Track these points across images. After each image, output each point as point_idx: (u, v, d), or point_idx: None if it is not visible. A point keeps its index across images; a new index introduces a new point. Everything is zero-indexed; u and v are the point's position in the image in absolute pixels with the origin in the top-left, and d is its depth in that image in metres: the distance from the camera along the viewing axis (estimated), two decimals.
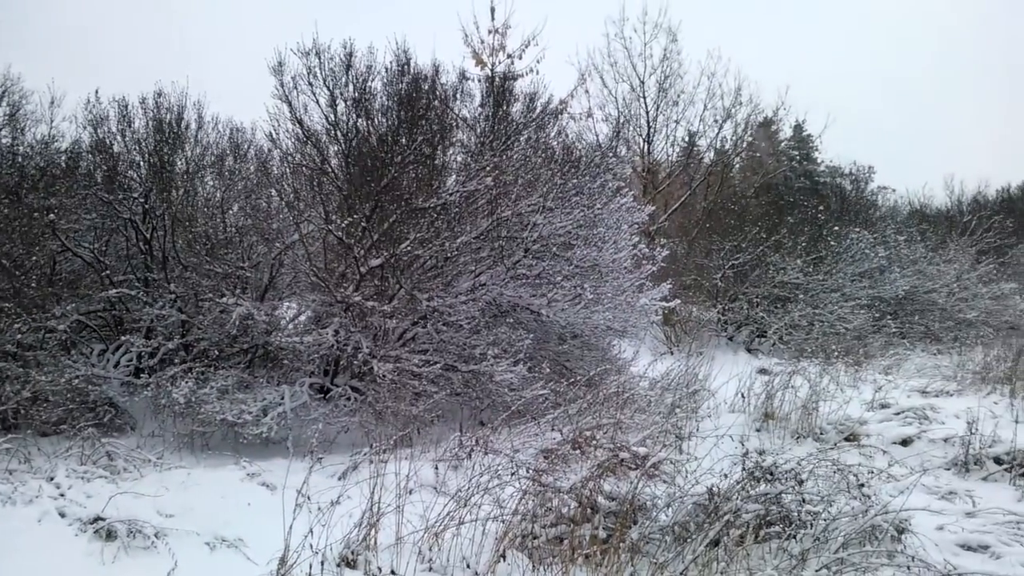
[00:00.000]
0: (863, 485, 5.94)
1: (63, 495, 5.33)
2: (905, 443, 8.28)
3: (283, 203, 8.61)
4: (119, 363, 7.97)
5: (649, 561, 4.68)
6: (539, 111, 12.19)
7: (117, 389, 7.78)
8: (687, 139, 20.56)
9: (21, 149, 9.76)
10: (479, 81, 14.42)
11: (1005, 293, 20.87)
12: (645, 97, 19.40)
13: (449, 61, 20.54)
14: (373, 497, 4.76)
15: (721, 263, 17.07)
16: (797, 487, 5.38)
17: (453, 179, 8.69)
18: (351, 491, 4.91)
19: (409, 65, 9.47)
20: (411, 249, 7.85)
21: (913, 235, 21.56)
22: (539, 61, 15.48)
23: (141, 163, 8.66)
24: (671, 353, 14.01)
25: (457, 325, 8.21)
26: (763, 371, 12.19)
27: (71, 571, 4.48)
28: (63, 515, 5.00)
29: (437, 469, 6.46)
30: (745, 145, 21.16)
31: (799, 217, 18.74)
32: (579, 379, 8.54)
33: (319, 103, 9.03)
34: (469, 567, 4.70)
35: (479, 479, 5.18)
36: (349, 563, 4.54)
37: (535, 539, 4.87)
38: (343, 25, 9.15)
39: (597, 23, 34.72)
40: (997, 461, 7.35)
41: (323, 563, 4.30)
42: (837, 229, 18.49)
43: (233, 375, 7.50)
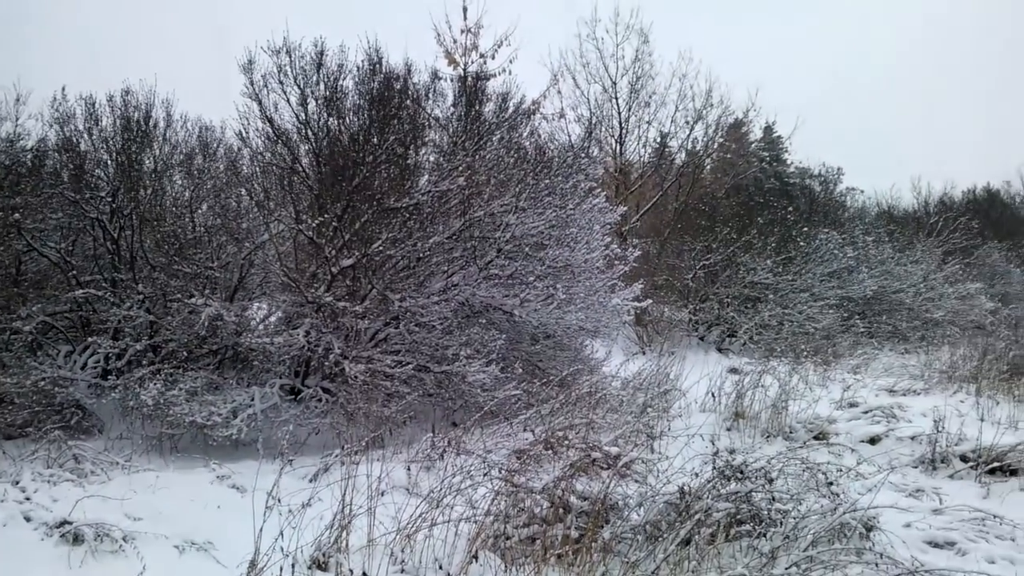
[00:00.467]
0: (832, 483, 6.01)
1: (29, 499, 5.26)
2: (873, 441, 8.38)
3: (253, 202, 8.55)
4: (86, 365, 7.86)
5: (621, 560, 4.69)
6: (511, 111, 12.21)
7: (84, 391, 7.67)
8: (659, 140, 20.71)
9: None
10: (451, 81, 14.45)
11: (971, 293, 21.18)
12: (617, 98, 19.52)
13: (421, 61, 20.46)
14: (344, 499, 4.74)
15: (692, 263, 17.20)
16: (767, 486, 5.42)
17: (425, 179, 8.66)
18: (322, 493, 4.88)
19: (381, 64, 9.43)
20: (383, 249, 7.81)
21: (881, 236, 21.83)
22: (512, 61, 15.57)
23: (108, 162, 8.56)
24: (643, 353, 14.11)
25: (429, 326, 8.18)
26: (734, 370, 12.28)
27: None
28: (29, 519, 4.94)
29: (409, 470, 6.44)
30: (716, 146, 21.33)
31: (769, 218, 18.91)
32: (551, 379, 8.55)
33: (290, 102, 8.96)
34: (441, 568, 4.69)
35: (451, 480, 5.17)
36: (320, 565, 4.52)
37: (507, 540, 4.87)
38: (314, 25, 9.11)
39: (570, 24, 34.83)
40: (963, 459, 7.45)
41: (294, 566, 4.28)
42: (806, 230, 18.70)
43: (202, 377, 7.42)
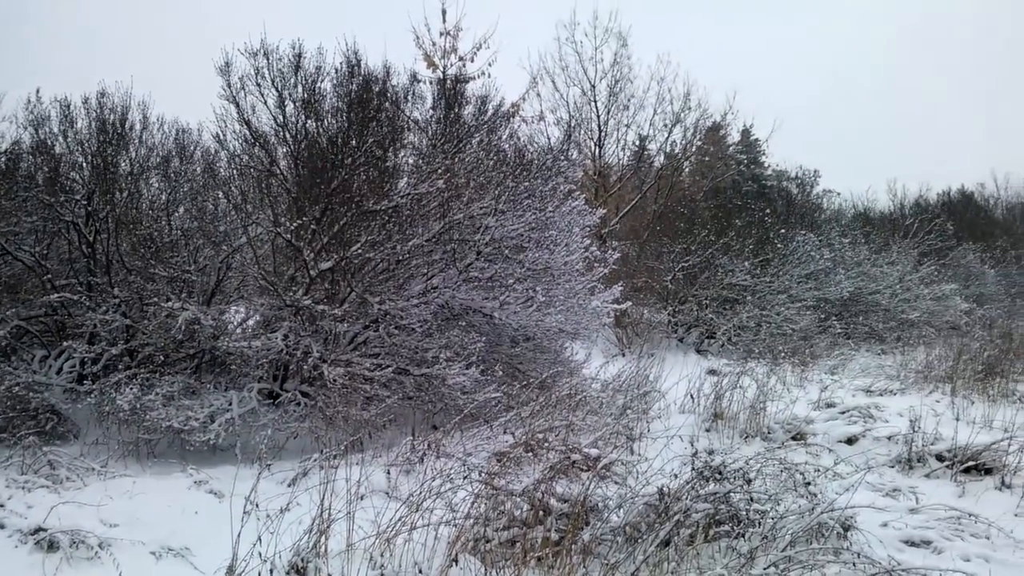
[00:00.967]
0: (810, 483, 6.04)
1: (2, 506, 5.20)
2: (850, 441, 8.43)
3: (231, 205, 8.49)
4: (61, 369, 7.78)
5: (601, 562, 4.69)
6: (491, 114, 12.17)
7: (59, 396, 7.58)
8: (638, 143, 20.84)
9: None
10: (431, 83, 14.39)
11: (946, 294, 21.42)
12: (596, 101, 19.61)
13: (400, 63, 20.45)
14: (323, 503, 4.71)
15: (671, 265, 17.28)
16: (745, 486, 5.45)
17: (405, 181, 8.63)
18: (301, 498, 4.86)
19: (359, 66, 9.38)
20: (362, 252, 7.78)
21: (857, 238, 22.05)
22: (491, 64, 15.58)
23: (84, 164, 8.46)
24: (623, 355, 14.16)
25: (409, 328, 8.16)
26: (712, 372, 12.33)
27: None
28: (2, 526, 4.89)
29: (389, 474, 6.42)
30: (694, 149, 21.48)
31: (747, 220, 19.06)
32: (531, 382, 8.55)
33: (267, 104, 8.89)
34: (421, 572, 4.67)
35: (431, 483, 5.15)
36: (299, 571, 4.49)
37: (487, 542, 4.86)
38: (292, 27, 9.05)
39: (549, 27, 34.90)
40: (939, 458, 7.51)
41: (272, 571, 4.26)
42: (784, 232, 18.87)
43: (179, 381, 7.36)
